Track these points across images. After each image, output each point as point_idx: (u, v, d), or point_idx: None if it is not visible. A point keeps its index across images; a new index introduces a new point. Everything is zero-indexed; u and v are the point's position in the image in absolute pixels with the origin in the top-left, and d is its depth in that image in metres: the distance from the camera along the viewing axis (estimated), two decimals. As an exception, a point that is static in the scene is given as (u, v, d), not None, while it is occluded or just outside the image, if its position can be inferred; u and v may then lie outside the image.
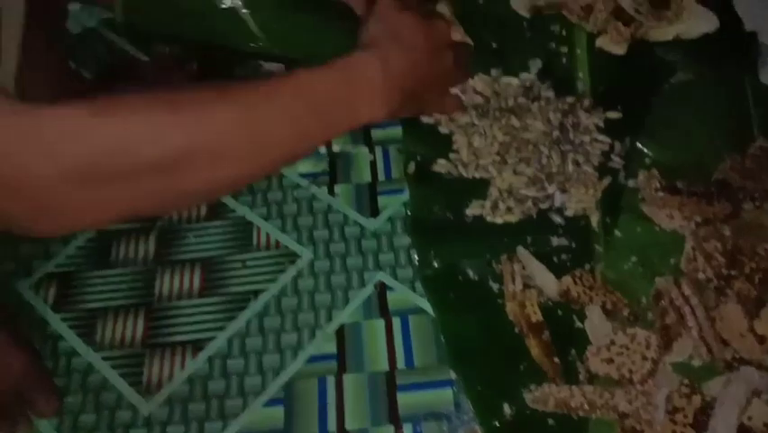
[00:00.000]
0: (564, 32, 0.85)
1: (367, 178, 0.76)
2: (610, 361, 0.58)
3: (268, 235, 0.73)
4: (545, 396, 0.57)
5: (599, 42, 0.83)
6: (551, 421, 0.57)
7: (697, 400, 0.54)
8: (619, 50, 0.82)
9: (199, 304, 0.68)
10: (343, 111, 0.56)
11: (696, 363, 0.58)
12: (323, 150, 0.79)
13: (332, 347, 0.64)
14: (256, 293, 0.68)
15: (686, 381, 0.56)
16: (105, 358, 0.65)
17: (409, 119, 0.78)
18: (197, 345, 0.65)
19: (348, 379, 0.62)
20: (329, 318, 0.66)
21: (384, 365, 0.62)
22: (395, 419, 0.59)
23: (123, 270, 0.71)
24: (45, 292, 0.70)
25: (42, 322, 0.68)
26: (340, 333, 0.65)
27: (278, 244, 0.72)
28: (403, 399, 0.60)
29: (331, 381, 0.62)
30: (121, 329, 0.67)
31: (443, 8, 0.85)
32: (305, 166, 0.78)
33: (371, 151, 0.79)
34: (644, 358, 0.57)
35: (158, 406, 0.62)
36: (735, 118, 0.76)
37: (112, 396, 0.62)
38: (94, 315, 0.68)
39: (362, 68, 0.57)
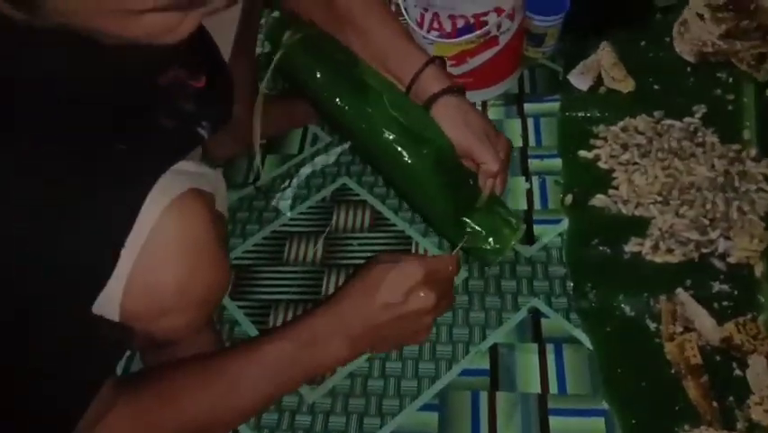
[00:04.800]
0: (731, 80, 0.85)
1: (523, 206, 0.79)
2: (775, 413, 0.58)
3: (425, 251, 0.77)
4: (703, 439, 0.57)
5: (770, 92, 0.82)
6: (707, 464, 0.57)
7: None
8: (790, 101, 0.81)
9: (362, 307, 0.73)
10: (303, 374, 0.60)
11: None
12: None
13: (485, 364, 0.67)
14: (414, 303, 0.72)
15: None
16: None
17: (568, 152, 0.81)
18: (359, 346, 0.70)
19: (500, 396, 0.65)
20: (483, 336, 0.69)
21: (536, 388, 0.65)
22: (546, 440, 0.61)
23: (294, 268, 0.78)
24: (224, 281, 0.78)
25: (221, 308, 0.75)
26: (493, 352, 0.68)
27: (435, 259, 0.76)
28: (555, 423, 0.62)
29: (484, 395, 0.65)
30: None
31: (607, 53, 0.87)
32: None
33: (528, 179, 0.82)
34: (815, 415, 0.56)
35: (321, 396, 0.67)
36: None
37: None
38: (267, 305, 0.75)
39: (326, 344, 0.59)
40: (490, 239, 0.70)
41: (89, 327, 0.46)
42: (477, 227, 0.70)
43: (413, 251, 0.77)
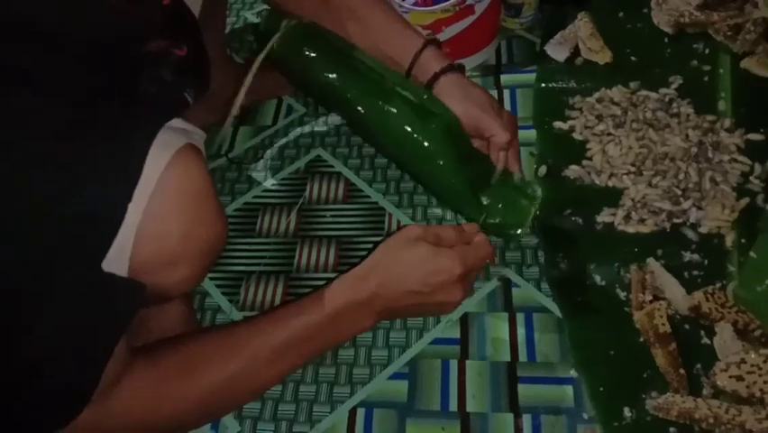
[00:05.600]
0: (708, 51, 0.85)
1: (497, 177, 0.79)
2: (740, 378, 0.58)
3: (398, 222, 0.77)
4: (669, 405, 0.58)
5: (745, 63, 0.82)
6: (672, 430, 0.57)
7: (832, 428, 0.54)
8: (766, 72, 0.81)
9: (333, 277, 0.73)
10: (326, 346, 0.61)
11: (831, 393, 0.57)
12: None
13: (455, 333, 0.67)
14: (386, 274, 0.72)
15: (820, 409, 0.55)
16: (246, 318, 0.71)
17: (543, 123, 0.81)
18: (331, 316, 0.70)
19: (470, 365, 0.65)
20: (454, 306, 0.69)
21: (506, 356, 0.65)
22: (514, 408, 0.61)
23: (266, 239, 0.77)
24: (195, 252, 0.77)
25: (192, 279, 0.75)
26: (463, 321, 0.68)
27: (408, 231, 0.76)
28: (524, 390, 0.62)
29: (454, 364, 0.65)
30: (262, 293, 0.73)
31: (585, 24, 0.87)
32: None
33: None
34: (778, 380, 0.56)
35: (292, 366, 0.67)
36: None
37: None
38: (239, 277, 0.74)
39: (350, 318, 0.59)
40: (508, 213, 0.69)
41: (102, 282, 0.47)
42: (493, 202, 0.69)
43: (386, 223, 0.77)
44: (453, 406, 0.62)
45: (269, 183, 0.81)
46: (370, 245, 0.75)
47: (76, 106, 0.46)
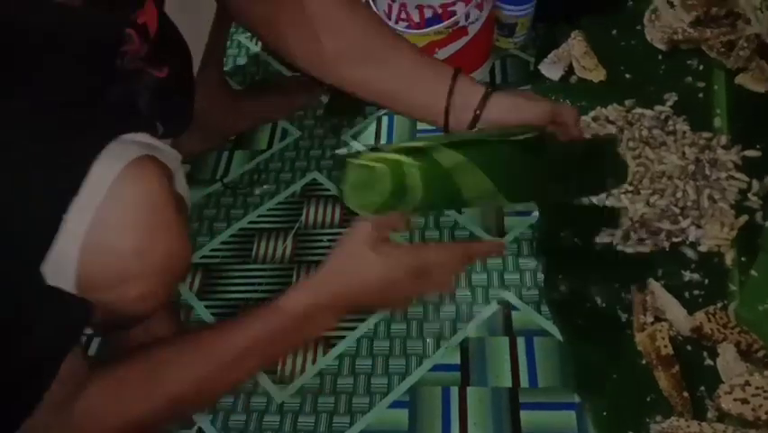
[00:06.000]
0: (702, 68, 0.85)
1: (494, 197, 0.78)
2: (745, 401, 0.57)
3: (396, 246, 0.76)
4: (674, 429, 0.57)
5: (740, 80, 0.82)
6: (678, 455, 0.56)
7: (840, 452, 0.53)
8: (761, 87, 0.81)
9: (331, 304, 0.72)
10: (291, 347, 0.61)
11: (837, 414, 0.56)
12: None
13: (456, 359, 0.66)
14: (385, 299, 0.71)
15: (827, 431, 0.54)
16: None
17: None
18: (328, 343, 0.69)
19: (471, 391, 0.64)
20: (453, 331, 0.68)
21: (507, 382, 0.64)
22: (517, 434, 0.61)
23: (263, 265, 0.76)
24: (191, 280, 0.76)
25: (187, 308, 0.74)
26: (464, 346, 0.67)
27: (406, 254, 0.75)
28: (526, 416, 0.61)
29: (454, 391, 0.64)
30: (259, 321, 0.72)
31: (579, 42, 0.86)
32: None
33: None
34: (784, 403, 0.56)
35: (290, 396, 0.66)
36: None
37: (249, 383, 0.67)
38: (235, 305, 0.73)
39: (314, 318, 0.56)
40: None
41: (45, 294, 0.45)
42: None
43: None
44: (455, 433, 0.62)
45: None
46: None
47: (28, 110, 0.44)
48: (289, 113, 0.91)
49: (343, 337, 0.69)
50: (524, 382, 0.64)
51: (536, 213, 0.75)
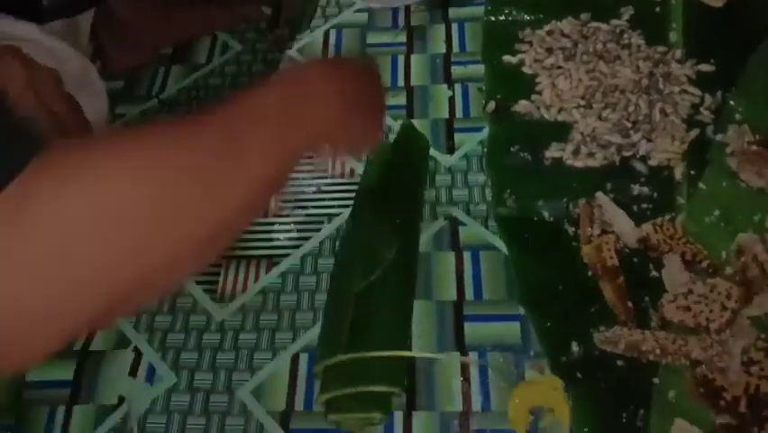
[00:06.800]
0: (659, -19, 0.82)
1: (444, 114, 0.76)
2: (687, 309, 0.57)
3: (342, 163, 0.73)
4: (616, 338, 0.57)
5: (697, -7, 0.79)
6: (620, 363, 0.56)
7: (775, 354, 0.53)
8: (717, 2, 0.79)
9: (274, 223, 0.69)
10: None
11: (775, 320, 0.57)
12: (401, 83, 0.79)
13: (401, 274, 0.65)
14: (330, 217, 0.69)
15: (763, 335, 0.55)
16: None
17: (492, 58, 0.78)
18: (272, 261, 0.67)
19: (417, 304, 0.62)
20: (400, 247, 0.67)
21: (452, 295, 0.63)
22: (461, 347, 0.60)
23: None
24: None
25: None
26: (410, 262, 0.66)
27: (352, 172, 0.72)
28: (470, 328, 0.61)
29: (399, 305, 0.63)
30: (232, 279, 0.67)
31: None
32: (383, 98, 0.78)
33: (450, 87, 0.78)
34: (724, 308, 0.56)
35: (231, 314, 0.64)
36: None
37: (187, 301, 0.65)
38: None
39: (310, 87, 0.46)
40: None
41: None
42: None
43: (329, 164, 0.73)
44: (399, 348, 0.60)
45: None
46: (312, 188, 0.72)
47: None
48: (229, 25, 0.85)
49: (287, 255, 0.67)
50: (469, 295, 0.63)
51: (486, 128, 0.72)
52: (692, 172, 0.67)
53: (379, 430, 0.56)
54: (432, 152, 0.73)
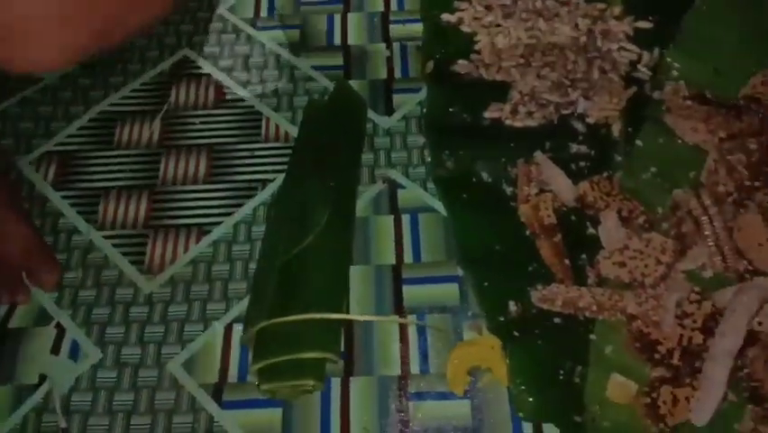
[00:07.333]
0: (598, -63, 0.81)
1: (382, 75, 0.73)
2: (622, 264, 0.57)
3: (277, 127, 0.70)
4: (553, 295, 0.56)
5: (635, -51, 0.78)
6: (557, 320, 0.56)
7: (707, 306, 0.54)
8: (655, -42, 0.78)
9: (205, 190, 0.66)
10: None
11: (707, 273, 0.57)
12: (337, 42, 0.76)
13: (338, 240, 0.63)
14: (264, 182, 0.66)
15: (697, 288, 0.55)
16: (106, 237, 0.64)
17: (431, 16, 0.75)
18: (202, 230, 0.64)
19: (354, 270, 0.61)
20: (337, 212, 0.65)
21: (391, 259, 0.61)
22: (400, 310, 0.58)
23: (127, 151, 0.69)
24: (46, 170, 0.68)
25: (42, 199, 0.66)
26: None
27: (287, 135, 0.70)
28: (408, 291, 0.59)
29: (336, 271, 0.61)
30: (123, 210, 0.65)
31: None
32: (318, 58, 0.75)
33: (388, 47, 0.75)
34: (659, 262, 0.56)
35: (159, 286, 0.61)
36: (768, 35, 0.73)
37: (113, 274, 0.62)
38: (95, 194, 0.66)
39: None
40: None
41: None
42: None
43: (263, 128, 0.70)
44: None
45: None
46: (245, 153, 0.69)
47: None
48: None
49: (219, 223, 0.64)
50: (408, 258, 0.61)
51: (425, 89, 0.70)
52: (630, 130, 0.66)
53: (315, 398, 0.55)
54: (370, 113, 0.70)
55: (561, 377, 0.54)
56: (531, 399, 0.52)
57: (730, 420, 0.51)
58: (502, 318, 0.56)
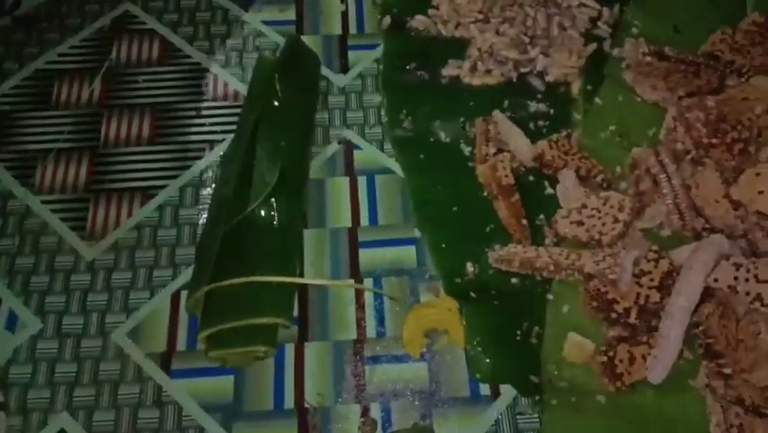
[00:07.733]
0: None
1: (337, 30, 0.70)
2: (580, 223, 0.56)
3: (225, 85, 0.67)
4: (510, 256, 0.55)
5: None
6: (514, 281, 0.55)
7: (664, 264, 0.53)
8: None
9: (149, 151, 0.63)
10: None
11: (665, 232, 0.57)
12: (290, -3, 0.72)
13: (292, 202, 0.61)
14: (212, 143, 0.63)
15: (654, 247, 0.55)
16: (44, 202, 0.60)
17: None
18: (147, 193, 0.61)
19: (309, 234, 0.59)
20: (290, 174, 0.62)
21: (347, 222, 0.59)
22: (356, 273, 0.57)
23: (65, 112, 0.65)
24: (-23, 131, 0.64)
25: (-25, 162, 0.62)
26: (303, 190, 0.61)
27: (236, 94, 0.66)
28: (365, 254, 0.58)
29: (289, 234, 0.59)
30: (62, 173, 0.61)
31: None
32: (269, 13, 0.71)
33: (343, 0, 0.72)
34: (616, 221, 0.55)
35: (102, 252, 0.58)
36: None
37: (52, 240, 0.58)
38: (32, 157, 0.62)
39: None
40: None
41: None
42: None
43: (210, 85, 0.67)
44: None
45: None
46: (191, 112, 0.65)
47: None
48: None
49: (165, 186, 0.61)
50: (364, 221, 0.59)
51: (382, 45, 0.68)
52: (589, 87, 0.65)
53: (269, 364, 0.53)
54: (323, 70, 0.68)
55: (518, 338, 0.53)
56: (488, 360, 0.52)
57: (684, 376, 0.51)
58: (459, 280, 0.55)
